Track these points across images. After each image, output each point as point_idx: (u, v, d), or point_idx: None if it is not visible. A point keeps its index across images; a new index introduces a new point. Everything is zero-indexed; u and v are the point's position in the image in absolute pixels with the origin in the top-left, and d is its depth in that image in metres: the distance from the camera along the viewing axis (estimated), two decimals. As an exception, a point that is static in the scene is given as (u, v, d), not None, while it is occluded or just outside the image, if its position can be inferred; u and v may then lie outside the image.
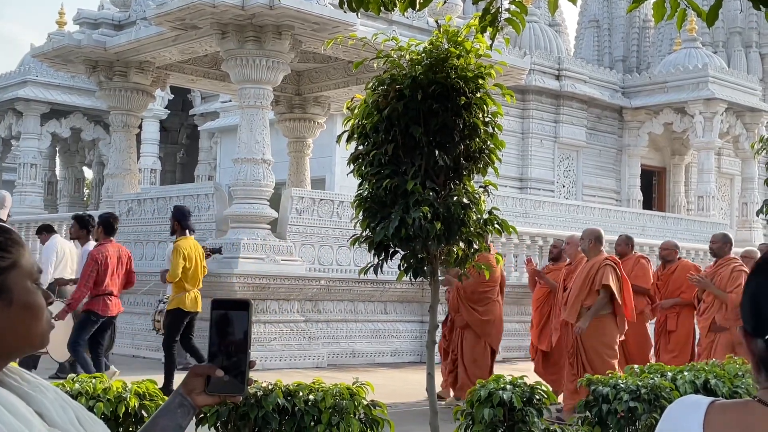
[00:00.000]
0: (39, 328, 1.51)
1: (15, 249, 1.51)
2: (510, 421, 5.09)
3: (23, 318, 1.48)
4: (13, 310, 1.47)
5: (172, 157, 30.25)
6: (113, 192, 14.59)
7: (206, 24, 12.08)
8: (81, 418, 1.53)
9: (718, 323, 9.09)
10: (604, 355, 8.48)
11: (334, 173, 19.97)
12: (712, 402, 1.42)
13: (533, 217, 18.74)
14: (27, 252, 1.53)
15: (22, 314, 1.48)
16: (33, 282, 1.52)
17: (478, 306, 9.29)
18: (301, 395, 4.73)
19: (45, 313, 1.53)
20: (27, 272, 1.51)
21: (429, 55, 5.14)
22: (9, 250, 1.50)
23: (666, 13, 3.61)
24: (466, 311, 9.27)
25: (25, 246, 1.54)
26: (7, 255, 1.49)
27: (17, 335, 1.48)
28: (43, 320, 1.52)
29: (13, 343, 1.48)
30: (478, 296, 9.30)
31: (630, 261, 10.14)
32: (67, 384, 4.48)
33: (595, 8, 29.24)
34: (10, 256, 1.49)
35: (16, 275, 1.49)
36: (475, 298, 9.30)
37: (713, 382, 5.72)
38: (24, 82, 23.90)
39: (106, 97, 14.70)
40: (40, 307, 1.51)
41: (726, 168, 26.81)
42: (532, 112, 23.39)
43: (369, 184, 5.18)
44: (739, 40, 27.87)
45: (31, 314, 1.50)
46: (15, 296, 1.47)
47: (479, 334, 9.25)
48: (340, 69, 15.14)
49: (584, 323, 8.45)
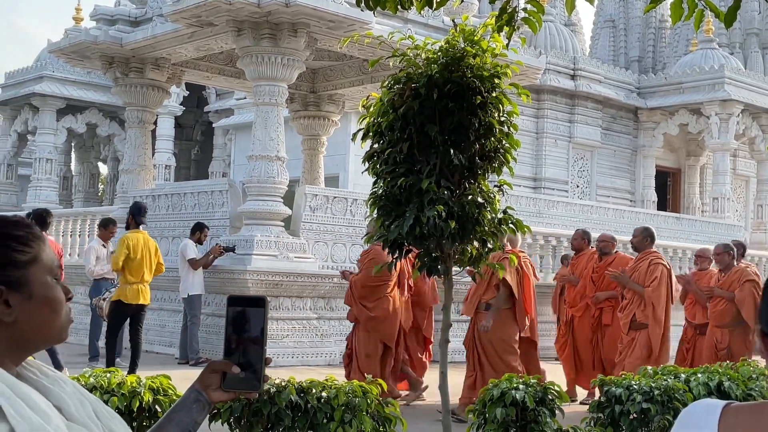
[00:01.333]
0: (58, 323, 1.53)
1: (36, 243, 1.52)
2: (522, 421, 5.09)
3: (42, 312, 1.50)
4: (33, 304, 1.48)
5: (187, 154, 30.34)
6: (128, 188, 14.64)
7: (222, 21, 12.10)
8: (99, 412, 1.54)
9: (638, 320, 8.86)
10: (500, 351, 8.38)
11: (347, 171, 19.98)
12: (727, 404, 1.42)
13: (547, 217, 18.69)
14: (47, 247, 1.55)
15: (42, 308, 1.50)
16: (53, 277, 1.53)
17: (367, 302, 8.96)
18: (314, 392, 4.74)
19: (64, 307, 1.54)
20: (47, 267, 1.52)
21: (445, 54, 5.14)
22: (30, 245, 1.51)
23: (684, 13, 3.60)
24: (355, 307, 9.01)
25: (45, 240, 1.55)
26: (28, 249, 1.50)
27: (36, 329, 1.50)
28: (62, 315, 1.53)
29: (32, 337, 1.50)
30: (367, 291, 8.98)
31: (584, 257, 9.99)
32: (82, 378, 4.50)
33: (611, 8, 29.13)
34: (30, 251, 1.51)
35: (36, 270, 1.50)
36: (364, 294, 8.98)
37: (727, 384, 5.70)
38: (40, 78, 24.03)
39: (122, 93, 14.76)
40: (59, 301, 1.53)
41: (741, 170, 26.68)
42: (547, 112, 23.34)
43: (384, 182, 5.19)
44: (756, 42, 27.72)
45: (51, 309, 1.51)
46: (35, 290, 1.49)
47: (368, 330, 8.93)
48: (355, 67, 15.15)
49: (488, 322, 8.36)
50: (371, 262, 9.04)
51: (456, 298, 12.72)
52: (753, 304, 9.03)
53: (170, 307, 13.18)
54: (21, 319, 1.47)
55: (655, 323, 8.84)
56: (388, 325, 9.02)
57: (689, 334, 9.83)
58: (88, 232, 15.40)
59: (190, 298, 11.69)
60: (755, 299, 8.99)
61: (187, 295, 11.70)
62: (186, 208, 13.38)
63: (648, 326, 8.80)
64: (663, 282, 8.96)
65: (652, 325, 8.82)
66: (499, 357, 8.41)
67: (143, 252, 9.75)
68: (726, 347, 9.20)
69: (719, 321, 9.32)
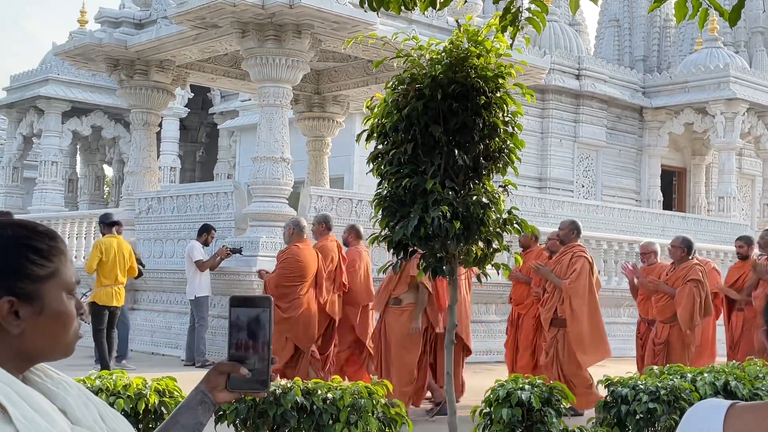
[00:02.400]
0: (66, 339, 1.51)
1: (57, 258, 1.50)
2: (528, 422, 5.09)
3: (52, 328, 1.48)
4: (43, 318, 1.46)
5: (192, 156, 30.38)
6: (133, 189, 14.66)
7: (226, 23, 12.12)
8: (104, 415, 1.53)
9: (559, 315, 8.66)
10: (402, 348, 8.26)
11: (352, 172, 19.99)
12: (732, 404, 1.41)
13: (552, 217, 18.66)
14: (69, 261, 1.52)
15: (52, 324, 1.48)
16: (69, 293, 1.51)
17: (281, 302, 8.81)
18: (319, 393, 4.74)
19: (74, 323, 1.52)
20: (65, 283, 1.50)
21: (449, 54, 5.13)
22: (51, 259, 1.49)
23: (688, 12, 3.59)
24: None
25: (68, 254, 1.53)
26: (49, 264, 1.48)
27: (43, 344, 1.48)
28: (71, 331, 1.51)
29: (39, 351, 1.48)
30: (281, 291, 8.87)
31: (532, 254, 9.87)
32: (87, 380, 4.51)
33: (615, 8, 29.10)
34: (51, 265, 1.48)
35: (53, 285, 1.48)
36: (278, 294, 8.83)
37: (733, 383, 5.69)
38: (46, 80, 24.07)
39: (127, 96, 14.78)
40: (70, 317, 1.51)
41: (747, 168, 26.62)
42: (552, 112, 23.31)
43: (388, 183, 5.19)
44: (761, 40, 27.66)
45: (61, 325, 1.49)
46: (47, 305, 1.47)
47: (280, 331, 8.77)
48: (359, 68, 15.15)
49: (416, 323, 8.26)
50: (285, 262, 8.98)
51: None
52: (690, 304, 8.77)
53: (176, 309, 13.19)
54: (29, 332, 1.45)
55: (573, 317, 8.56)
56: (302, 327, 8.86)
57: (642, 329, 9.64)
58: (93, 234, 15.42)
59: (197, 299, 11.70)
60: (693, 300, 8.76)
61: (194, 297, 11.72)
62: (191, 209, 13.39)
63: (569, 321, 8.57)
64: (583, 275, 8.73)
65: (570, 319, 8.56)
66: (399, 354, 8.28)
67: (116, 256, 10.52)
68: (663, 342, 8.96)
69: (662, 316, 9.06)
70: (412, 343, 8.34)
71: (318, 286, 9.04)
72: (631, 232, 18.75)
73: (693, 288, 8.84)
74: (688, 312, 8.79)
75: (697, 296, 8.81)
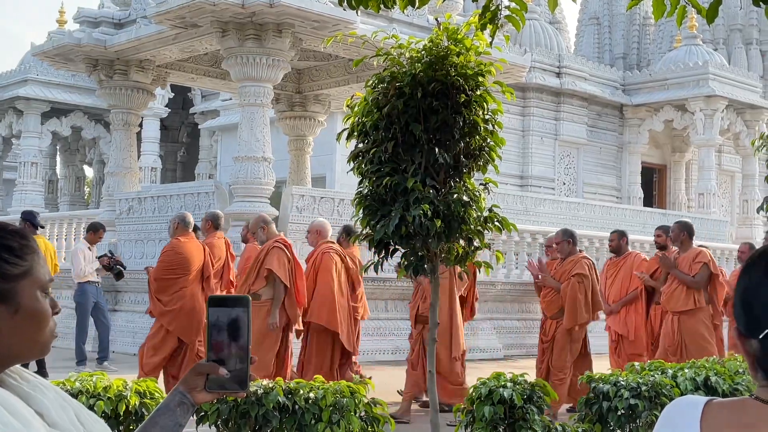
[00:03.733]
0: (42, 338, 1.50)
1: (30, 257, 1.49)
2: (511, 419, 5.10)
3: (27, 327, 1.47)
4: (18, 317, 1.45)
5: (173, 156, 30.25)
6: (114, 190, 14.59)
7: (206, 22, 12.07)
8: (81, 418, 1.52)
9: (420, 312, 8.55)
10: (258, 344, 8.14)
11: (334, 171, 19.97)
12: (709, 401, 1.42)
13: (534, 214, 18.73)
14: (42, 260, 1.51)
15: (27, 323, 1.47)
16: (43, 291, 1.50)
17: (162, 295, 8.74)
18: (301, 393, 4.73)
19: (50, 322, 1.51)
20: (39, 282, 1.49)
21: (429, 52, 5.13)
22: (24, 258, 1.48)
23: (666, 10, 3.60)
24: (151, 300, 8.80)
25: (40, 253, 1.52)
26: (22, 262, 1.47)
27: (19, 343, 1.47)
28: (47, 330, 1.50)
29: (15, 351, 1.47)
30: (162, 284, 8.77)
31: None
32: (67, 382, 4.48)
33: (595, 5, 29.22)
34: (24, 264, 1.48)
35: (27, 284, 1.47)
36: (158, 287, 8.76)
37: (714, 379, 5.72)
38: (25, 81, 23.91)
39: (107, 96, 14.70)
40: (45, 315, 1.50)
41: (726, 165, 26.80)
42: (533, 110, 23.38)
43: (369, 182, 5.18)
44: (740, 37, 27.85)
45: (36, 324, 1.48)
46: (22, 304, 1.46)
47: (162, 324, 8.71)
48: (340, 67, 15.14)
49: (274, 317, 8.20)
50: (164, 254, 8.93)
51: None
52: (574, 298, 8.57)
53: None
54: (4, 332, 1.44)
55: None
56: (184, 321, 8.76)
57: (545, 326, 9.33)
58: (74, 235, 15.34)
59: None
60: (576, 294, 8.55)
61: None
62: (172, 210, 13.33)
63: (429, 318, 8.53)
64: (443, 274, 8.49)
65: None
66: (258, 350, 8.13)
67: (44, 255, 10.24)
68: (550, 339, 8.79)
69: (549, 312, 8.88)
70: (269, 339, 8.24)
71: (205, 280, 8.93)
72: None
73: (576, 283, 8.63)
74: (571, 307, 8.57)
75: (580, 292, 8.58)
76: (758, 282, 1.38)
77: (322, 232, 9.25)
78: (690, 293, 8.93)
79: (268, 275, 8.23)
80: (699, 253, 9.13)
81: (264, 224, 8.59)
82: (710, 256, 9.20)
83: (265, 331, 8.23)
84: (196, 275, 8.86)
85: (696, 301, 8.92)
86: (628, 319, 9.61)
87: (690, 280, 8.92)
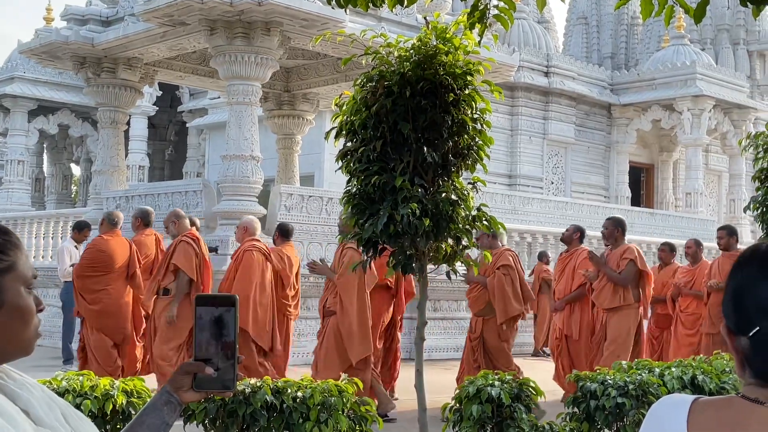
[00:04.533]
0: (26, 335, 1.49)
1: (13, 252, 1.49)
2: (498, 418, 5.10)
3: (12, 323, 1.46)
4: (3, 313, 1.45)
5: (161, 154, 30.16)
6: (101, 189, 14.53)
7: (194, 20, 12.04)
8: (68, 416, 1.52)
9: (328, 306, 8.48)
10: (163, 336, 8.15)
11: (323, 170, 19.95)
12: (696, 399, 1.42)
13: (522, 213, 18.77)
14: (24, 255, 1.51)
15: (12, 319, 1.46)
16: (27, 287, 1.50)
17: (86, 293, 8.72)
18: (289, 392, 4.73)
19: (35, 319, 1.51)
20: (22, 277, 1.49)
21: (417, 51, 5.13)
22: (8, 253, 1.48)
23: (654, 9, 3.61)
24: (76, 300, 8.75)
25: (23, 249, 1.52)
26: (5, 258, 1.47)
27: (4, 341, 1.46)
28: (32, 326, 1.49)
29: (0, 348, 1.47)
30: (85, 282, 8.76)
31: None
32: (54, 381, 4.46)
33: (583, 5, 29.28)
34: (8, 259, 1.47)
35: (11, 279, 1.47)
36: (82, 285, 8.74)
37: (701, 378, 5.74)
38: (11, 79, 23.78)
39: (94, 94, 14.64)
40: (30, 312, 1.49)
41: (714, 165, 26.92)
42: (521, 109, 23.42)
43: (357, 180, 5.18)
44: (727, 37, 27.96)
45: (21, 319, 1.48)
46: (7, 300, 1.45)
47: (90, 323, 8.71)
48: (329, 66, 15.12)
49: (172, 311, 8.17)
50: (87, 252, 8.96)
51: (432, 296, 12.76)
52: (502, 290, 8.44)
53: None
54: None
55: (342, 312, 8.33)
56: (110, 319, 8.74)
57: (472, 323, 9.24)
58: (60, 234, 15.27)
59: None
60: (504, 286, 8.41)
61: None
62: (160, 208, 13.29)
63: (336, 313, 8.35)
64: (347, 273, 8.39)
65: (339, 313, 8.34)
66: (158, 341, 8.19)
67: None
68: (478, 336, 8.65)
69: (475, 308, 8.77)
70: (177, 332, 8.21)
71: (131, 278, 8.89)
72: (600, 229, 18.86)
73: (502, 275, 8.54)
74: (500, 300, 8.43)
75: (507, 284, 8.43)
76: (749, 280, 1.38)
77: (248, 229, 9.20)
78: (617, 290, 8.74)
79: (176, 270, 8.19)
80: (626, 249, 8.93)
81: (176, 218, 8.52)
82: (638, 252, 8.95)
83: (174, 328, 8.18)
84: (120, 273, 8.81)
85: (622, 297, 8.74)
86: (573, 318, 9.33)
87: (616, 277, 8.74)
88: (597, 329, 9.06)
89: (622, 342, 8.69)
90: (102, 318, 8.70)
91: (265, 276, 8.89)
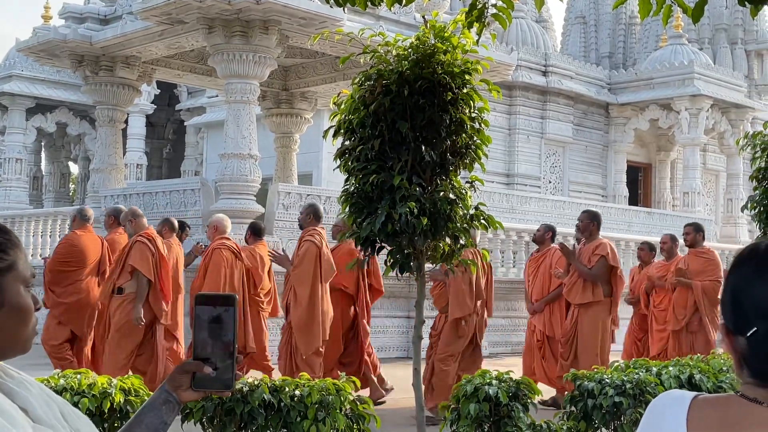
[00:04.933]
0: (25, 334, 1.50)
1: (13, 251, 1.49)
2: (496, 416, 5.11)
3: (11, 322, 1.47)
4: (3, 313, 1.45)
5: (159, 152, 30.14)
6: (99, 187, 14.52)
7: (193, 19, 12.03)
8: (66, 414, 1.52)
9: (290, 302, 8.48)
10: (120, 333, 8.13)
11: (321, 168, 19.95)
12: (695, 396, 1.42)
13: (520, 212, 18.77)
14: (24, 255, 1.52)
15: (11, 318, 1.47)
16: (25, 286, 1.50)
17: (56, 287, 8.74)
18: (287, 391, 4.73)
19: (33, 318, 1.51)
20: (21, 276, 1.49)
21: (416, 50, 5.14)
22: (8, 252, 1.48)
23: (652, 9, 3.62)
24: (45, 293, 8.75)
25: (22, 248, 1.52)
26: (6, 257, 1.47)
27: (3, 339, 1.46)
28: (30, 325, 1.50)
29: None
30: (56, 276, 8.77)
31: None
32: (51, 380, 4.46)
33: (581, 4, 29.28)
34: (8, 258, 1.48)
35: (11, 278, 1.47)
36: (52, 278, 8.75)
37: (698, 377, 5.75)
38: (9, 77, 23.75)
39: (92, 92, 14.63)
40: (29, 311, 1.50)
41: (711, 164, 26.93)
42: (519, 108, 23.42)
43: (355, 179, 5.18)
44: (725, 37, 27.97)
45: (20, 318, 1.48)
46: (6, 299, 1.46)
47: (55, 316, 8.72)
48: (327, 64, 15.12)
49: (137, 312, 8.14)
50: (59, 247, 8.98)
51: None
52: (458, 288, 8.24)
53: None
54: None
55: (295, 303, 8.33)
56: (78, 314, 8.78)
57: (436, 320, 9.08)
58: (58, 232, 15.25)
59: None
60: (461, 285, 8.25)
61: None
62: (158, 207, 13.29)
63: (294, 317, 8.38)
64: (307, 260, 8.45)
65: (293, 304, 8.34)
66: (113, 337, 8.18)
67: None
68: (438, 333, 8.57)
69: (438, 305, 8.69)
70: (132, 331, 8.19)
71: (101, 274, 8.91)
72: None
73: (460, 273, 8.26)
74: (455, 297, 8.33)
75: (464, 282, 8.28)
76: (748, 280, 1.38)
77: (219, 227, 9.26)
78: (588, 285, 8.71)
79: (133, 270, 8.18)
80: (599, 245, 8.86)
81: (132, 217, 8.49)
82: (610, 248, 8.87)
83: (128, 326, 8.16)
84: (92, 269, 8.88)
85: (593, 293, 8.71)
86: (553, 318, 9.30)
87: (586, 273, 8.70)
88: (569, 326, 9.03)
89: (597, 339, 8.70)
90: (69, 312, 8.77)
91: (234, 274, 8.94)
